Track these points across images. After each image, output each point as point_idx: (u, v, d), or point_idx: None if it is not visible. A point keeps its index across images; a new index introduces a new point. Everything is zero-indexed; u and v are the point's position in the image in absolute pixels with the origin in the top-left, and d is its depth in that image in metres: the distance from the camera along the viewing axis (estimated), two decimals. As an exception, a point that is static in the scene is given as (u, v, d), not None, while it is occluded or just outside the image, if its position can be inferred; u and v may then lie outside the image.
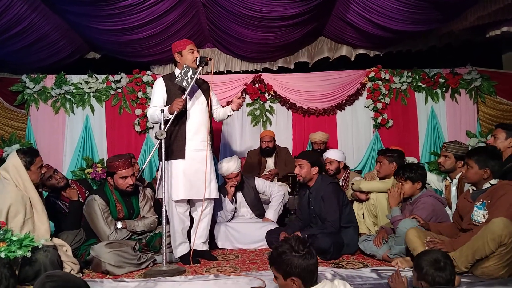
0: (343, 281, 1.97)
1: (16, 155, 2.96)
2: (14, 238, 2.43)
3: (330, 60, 5.82)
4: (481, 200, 2.80)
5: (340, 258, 3.41)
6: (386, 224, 3.53)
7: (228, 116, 3.59)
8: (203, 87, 3.55)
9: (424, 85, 5.84)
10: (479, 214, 2.78)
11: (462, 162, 3.36)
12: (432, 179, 4.13)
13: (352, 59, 5.77)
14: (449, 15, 4.53)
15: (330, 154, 4.48)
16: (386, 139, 5.74)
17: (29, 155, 2.97)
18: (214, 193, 3.44)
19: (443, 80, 5.82)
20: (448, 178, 3.72)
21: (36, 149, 3.15)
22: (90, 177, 5.30)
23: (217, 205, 4.02)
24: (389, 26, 4.67)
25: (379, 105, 5.77)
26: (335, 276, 2.77)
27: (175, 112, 3.21)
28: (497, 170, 2.84)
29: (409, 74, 5.82)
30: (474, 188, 2.93)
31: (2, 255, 2.27)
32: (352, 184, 3.95)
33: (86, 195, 3.77)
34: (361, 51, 5.73)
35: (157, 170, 4.40)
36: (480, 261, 2.60)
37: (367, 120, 5.88)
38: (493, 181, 2.83)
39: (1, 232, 2.42)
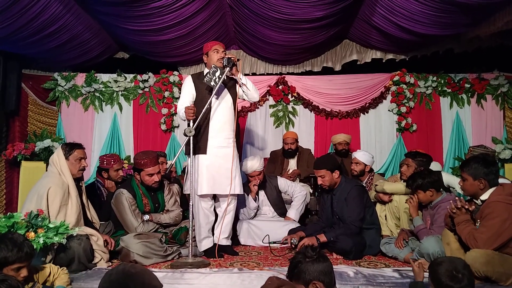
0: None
1: (60, 146, 3.21)
2: (51, 226, 2.56)
3: (358, 63, 5.81)
4: (478, 221, 2.68)
5: (362, 258, 3.42)
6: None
7: (244, 85, 3.51)
8: (229, 84, 3.61)
9: (449, 90, 5.78)
10: None
11: None
12: (456, 183, 4.09)
13: (384, 61, 5.74)
14: (477, 19, 4.49)
15: (359, 156, 4.36)
16: (410, 143, 5.70)
17: (70, 146, 3.17)
18: (238, 189, 3.51)
19: (469, 85, 5.75)
20: None
21: (80, 144, 3.29)
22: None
23: (240, 202, 4.09)
24: (415, 29, 4.65)
25: (403, 109, 5.74)
26: (357, 274, 2.79)
27: (191, 120, 3.29)
28: (493, 179, 2.71)
29: (434, 78, 5.78)
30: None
31: (41, 241, 2.39)
32: (376, 185, 3.95)
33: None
34: (389, 56, 5.71)
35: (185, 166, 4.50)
36: None
37: (391, 123, 5.87)
38: (484, 196, 2.70)
39: (39, 219, 2.54)
